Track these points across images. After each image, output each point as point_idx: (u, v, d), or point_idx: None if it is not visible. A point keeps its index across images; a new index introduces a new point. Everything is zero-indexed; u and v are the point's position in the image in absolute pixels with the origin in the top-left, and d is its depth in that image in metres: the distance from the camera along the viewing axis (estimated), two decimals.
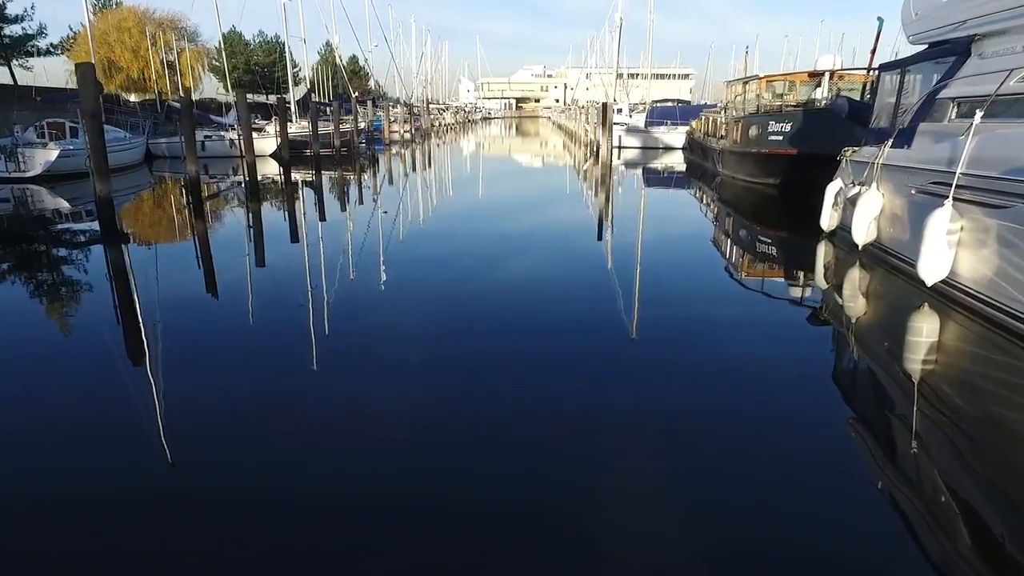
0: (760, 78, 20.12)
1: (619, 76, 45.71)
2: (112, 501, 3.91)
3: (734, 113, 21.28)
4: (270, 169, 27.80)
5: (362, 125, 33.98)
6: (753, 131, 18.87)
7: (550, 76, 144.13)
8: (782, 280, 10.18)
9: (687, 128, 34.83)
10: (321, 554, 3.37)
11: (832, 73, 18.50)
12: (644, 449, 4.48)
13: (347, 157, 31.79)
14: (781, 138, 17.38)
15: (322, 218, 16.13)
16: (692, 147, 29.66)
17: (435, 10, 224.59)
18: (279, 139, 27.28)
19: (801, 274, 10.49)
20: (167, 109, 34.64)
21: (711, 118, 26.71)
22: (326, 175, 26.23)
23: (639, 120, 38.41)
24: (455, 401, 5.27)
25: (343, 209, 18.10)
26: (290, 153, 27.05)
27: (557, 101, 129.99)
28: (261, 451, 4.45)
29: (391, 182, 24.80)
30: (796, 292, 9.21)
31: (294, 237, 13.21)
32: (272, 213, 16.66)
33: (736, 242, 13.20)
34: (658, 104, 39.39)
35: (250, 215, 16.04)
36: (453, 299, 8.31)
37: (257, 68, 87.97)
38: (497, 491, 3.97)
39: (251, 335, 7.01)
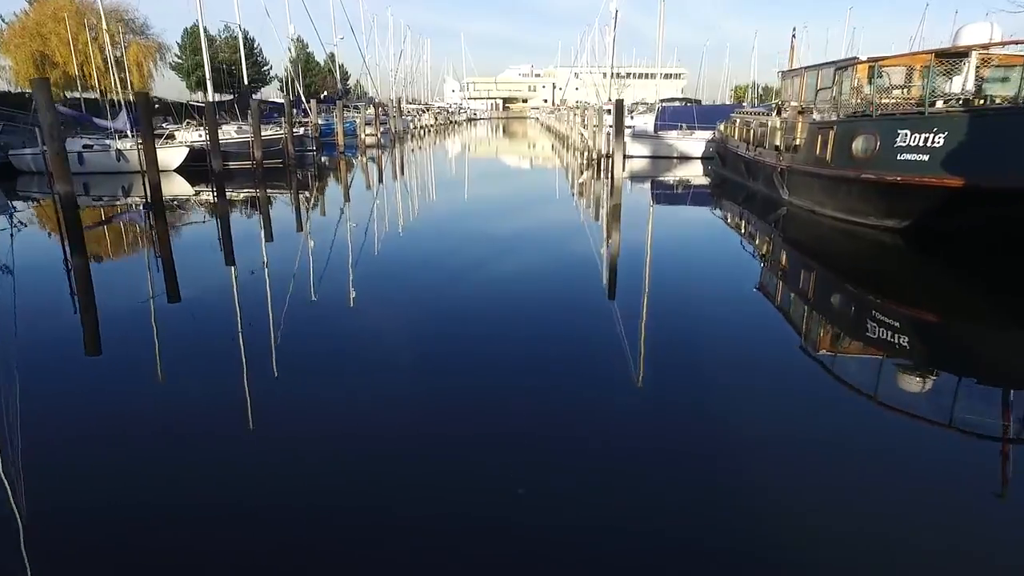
0: (861, 62, 12.99)
1: (616, 75, 38.87)
2: None
3: (816, 116, 14.12)
4: (173, 188, 20.55)
5: (299, 131, 26.59)
6: (860, 144, 11.83)
7: (538, 76, 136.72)
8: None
9: (709, 134, 27.74)
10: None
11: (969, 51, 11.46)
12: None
13: (281, 170, 24.47)
14: (926, 158, 10.34)
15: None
16: (724, 159, 22.54)
17: (421, 9, 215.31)
18: (202, 147, 19.97)
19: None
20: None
21: (752, 122, 19.66)
22: (241, 194, 19.01)
23: (644, 123, 31.40)
24: None
25: (228, 262, 11.08)
26: (198, 167, 19.94)
27: (545, 101, 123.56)
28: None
29: (321, 209, 17.53)
30: None
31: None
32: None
33: (824, 312, 8.60)
34: (668, 104, 32.20)
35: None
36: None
37: (223, 66, 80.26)
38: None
39: None
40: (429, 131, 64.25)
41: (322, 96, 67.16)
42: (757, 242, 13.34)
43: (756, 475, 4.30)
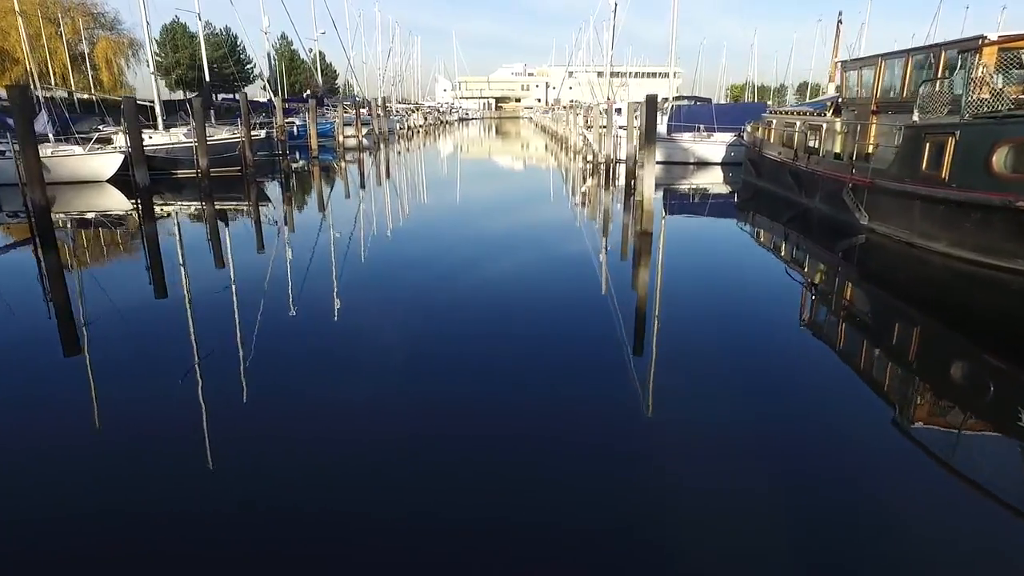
0: (989, 43, 9.35)
1: (615, 74, 35.37)
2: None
3: (916, 117, 10.45)
4: (96, 201, 16.82)
5: (260, 134, 22.81)
6: (1008, 157, 8.20)
7: (531, 75, 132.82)
8: None
9: (729, 136, 24.14)
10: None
11: None
12: None
13: (238, 180, 20.70)
14: None
15: None
16: (758, 166, 18.93)
17: (412, 9, 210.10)
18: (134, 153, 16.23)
19: None
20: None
21: (797, 123, 16.07)
22: (175, 210, 15.36)
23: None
24: None
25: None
26: (150, 175, 16.27)
27: (539, 101, 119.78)
28: None
29: (276, 225, 13.78)
30: None
31: None
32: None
33: (925, 375, 6.31)
34: (682, 103, 28.55)
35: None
36: None
37: (206, 64, 76.11)
38: None
39: None
40: (418, 132, 60.43)
41: (306, 95, 63.31)
42: (814, 272, 10.21)
43: None
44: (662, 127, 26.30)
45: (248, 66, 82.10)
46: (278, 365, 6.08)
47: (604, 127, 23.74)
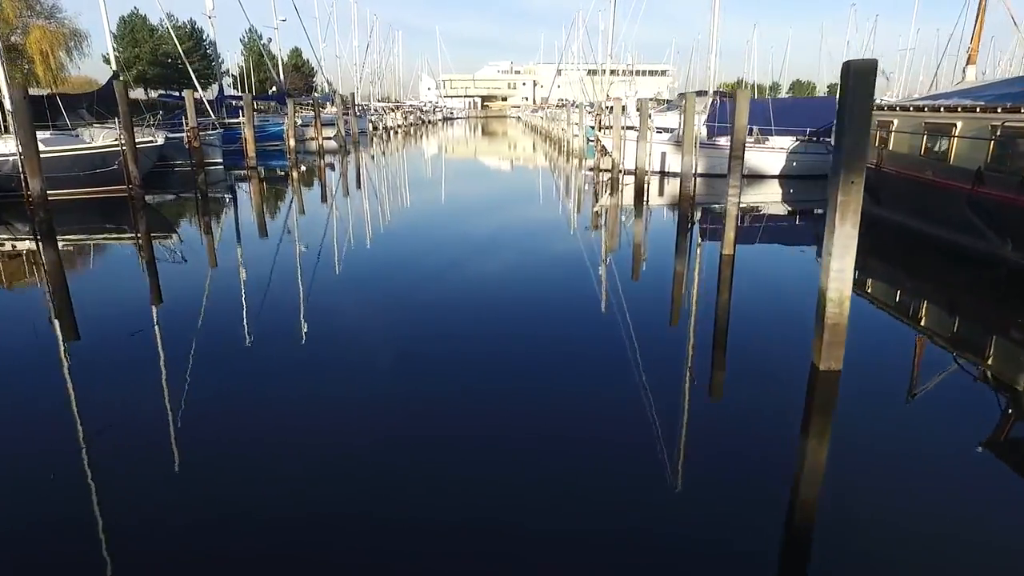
0: None
1: (614, 71, 29.60)
2: None
3: None
4: None
5: (156, 139, 16.33)
6: None
7: (518, 72, 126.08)
8: None
9: (788, 141, 17.90)
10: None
11: None
12: None
13: (119, 202, 14.18)
14: None
15: None
16: (875, 189, 12.59)
17: (395, 8, 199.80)
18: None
19: None
20: None
21: (959, 125, 9.86)
22: None
23: (667, 124, 21.51)
24: None
25: None
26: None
27: (526, 99, 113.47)
28: None
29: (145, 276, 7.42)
30: None
31: None
32: None
33: None
34: (723, 98, 22.14)
35: None
36: None
37: (168, 59, 68.74)
38: None
39: None
40: (396, 133, 53.71)
41: (270, 92, 56.41)
42: None
43: None
44: (699, 129, 19.99)
45: (215, 62, 75.06)
46: None
47: (631, 129, 17.37)
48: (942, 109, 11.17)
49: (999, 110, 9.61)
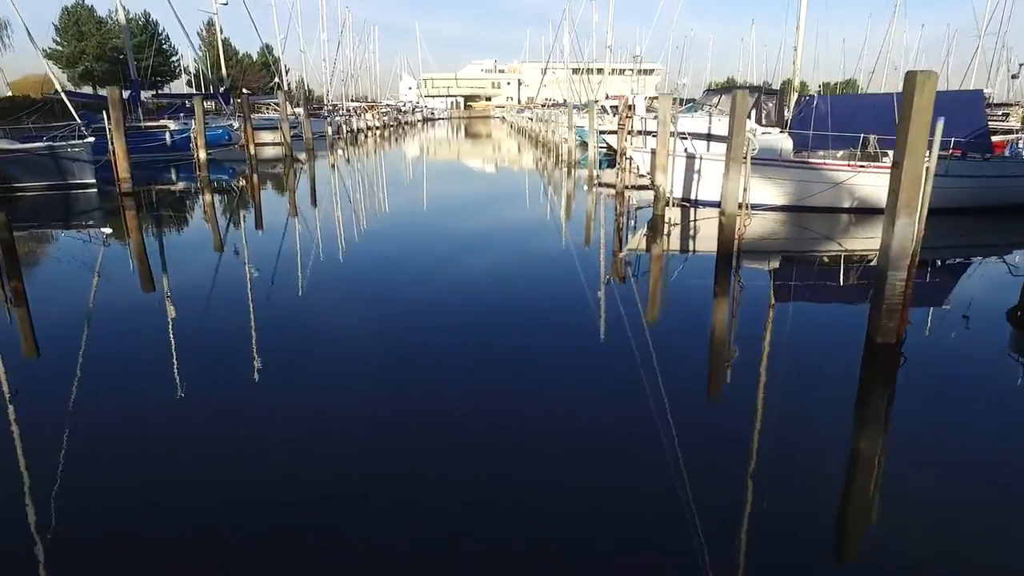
0: None
1: (601, 71, 23.55)
2: None
3: None
4: None
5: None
6: None
7: (502, 71, 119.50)
8: None
9: (940, 160, 11.60)
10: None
11: None
12: None
13: None
14: None
15: None
16: None
17: (374, 7, 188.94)
18: None
19: None
20: None
21: None
22: None
23: (691, 129, 15.31)
24: None
25: None
26: None
27: (511, 99, 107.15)
28: None
29: None
30: None
31: None
32: None
33: None
34: (815, 96, 15.45)
35: None
36: None
37: (116, 55, 61.04)
38: None
39: None
40: (368, 136, 47.06)
41: (214, 89, 49.54)
42: None
43: None
44: (773, 139, 13.68)
45: (172, 58, 67.63)
46: None
47: (684, 137, 11.07)
48: None
49: None
